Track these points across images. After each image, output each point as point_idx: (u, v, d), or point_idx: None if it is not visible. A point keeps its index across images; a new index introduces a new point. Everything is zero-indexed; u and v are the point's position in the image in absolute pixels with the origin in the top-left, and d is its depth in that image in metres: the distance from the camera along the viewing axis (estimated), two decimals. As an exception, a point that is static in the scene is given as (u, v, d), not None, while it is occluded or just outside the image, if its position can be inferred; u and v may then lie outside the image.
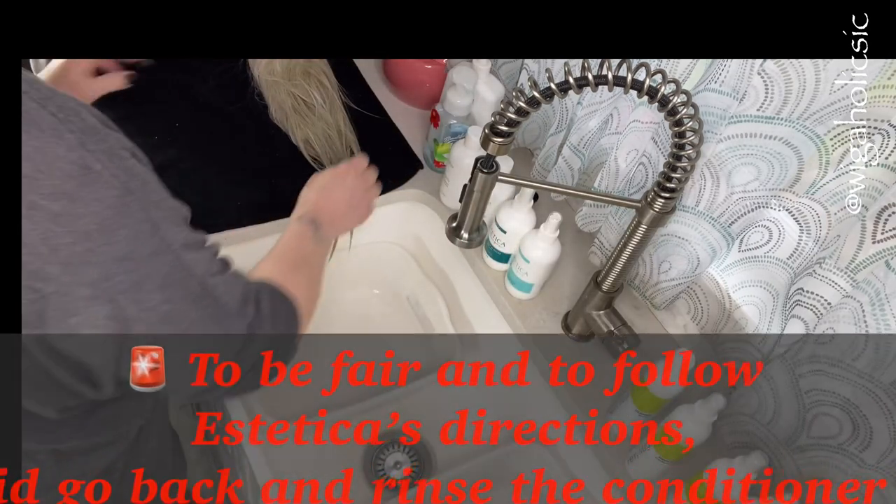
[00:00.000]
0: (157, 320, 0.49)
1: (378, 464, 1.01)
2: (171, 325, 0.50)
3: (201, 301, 0.52)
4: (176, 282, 0.50)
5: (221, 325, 0.54)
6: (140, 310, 0.48)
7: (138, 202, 0.47)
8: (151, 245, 0.48)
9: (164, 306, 0.49)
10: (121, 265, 0.46)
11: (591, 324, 0.91)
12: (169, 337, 0.51)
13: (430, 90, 1.17)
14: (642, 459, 0.80)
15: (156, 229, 0.48)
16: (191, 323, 0.51)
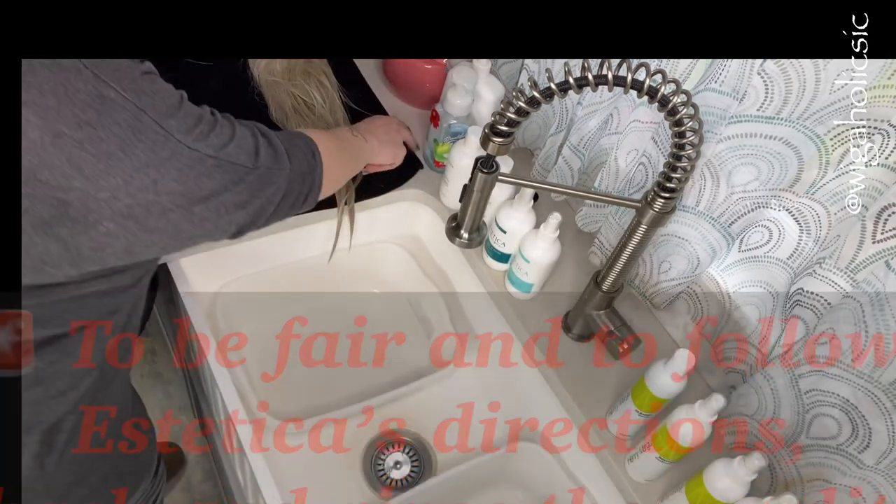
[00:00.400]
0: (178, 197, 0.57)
1: (378, 464, 1.01)
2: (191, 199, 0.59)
3: (218, 171, 0.60)
4: (191, 168, 0.58)
5: (242, 181, 0.63)
6: (157, 195, 0.56)
7: (151, 116, 0.54)
8: (167, 149, 0.55)
9: (181, 188, 0.57)
10: (140, 171, 0.54)
11: (591, 324, 0.91)
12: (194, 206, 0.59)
13: (430, 90, 1.17)
14: (642, 459, 0.80)
15: (170, 135, 0.55)
16: (210, 192, 0.60)
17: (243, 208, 0.65)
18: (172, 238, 0.61)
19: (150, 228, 0.58)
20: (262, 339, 1.10)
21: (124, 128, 0.52)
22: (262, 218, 0.69)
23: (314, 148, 0.76)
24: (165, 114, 0.56)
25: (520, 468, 1.00)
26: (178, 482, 1.58)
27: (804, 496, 0.76)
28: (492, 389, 1.10)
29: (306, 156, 0.74)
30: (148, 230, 0.58)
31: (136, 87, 0.54)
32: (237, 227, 0.67)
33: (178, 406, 1.70)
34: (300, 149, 0.73)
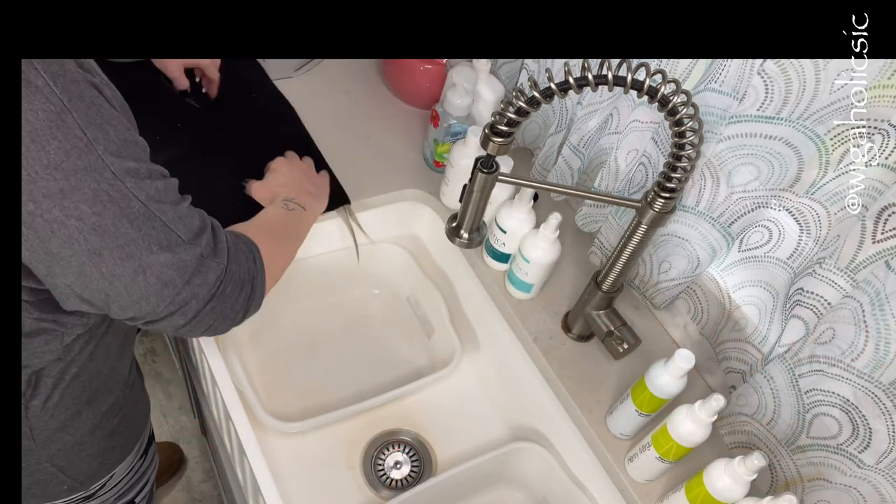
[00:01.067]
0: (88, 229, 0.52)
1: (378, 464, 1.01)
2: (103, 239, 0.53)
3: (145, 223, 0.55)
4: (111, 199, 0.52)
5: (171, 251, 0.57)
6: (65, 215, 0.51)
7: (78, 121, 0.49)
8: (85, 161, 0.50)
9: (94, 218, 0.52)
10: (47, 171, 0.49)
11: (591, 324, 0.91)
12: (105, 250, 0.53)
13: (430, 90, 1.17)
14: (642, 459, 0.80)
15: (91, 148, 0.50)
16: (129, 241, 0.54)
17: (167, 287, 0.58)
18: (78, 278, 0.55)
19: (50, 251, 0.53)
20: (262, 339, 1.10)
21: (40, 118, 0.48)
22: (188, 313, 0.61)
23: (256, 254, 0.70)
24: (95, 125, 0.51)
25: (520, 468, 1.00)
26: (178, 482, 1.59)
27: (804, 496, 0.76)
28: (492, 389, 1.10)
29: (245, 261, 0.68)
30: (50, 254, 0.53)
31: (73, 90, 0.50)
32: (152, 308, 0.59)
33: (178, 406, 1.70)
34: (243, 254, 0.68)
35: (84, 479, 0.82)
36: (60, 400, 0.72)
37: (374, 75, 1.25)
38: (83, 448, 0.78)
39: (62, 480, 0.79)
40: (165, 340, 1.72)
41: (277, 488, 0.74)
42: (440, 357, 1.09)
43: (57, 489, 0.80)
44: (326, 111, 1.15)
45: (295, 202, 0.87)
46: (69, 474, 0.79)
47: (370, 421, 1.04)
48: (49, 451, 0.75)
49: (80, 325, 0.69)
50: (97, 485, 0.84)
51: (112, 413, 0.80)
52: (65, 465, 0.78)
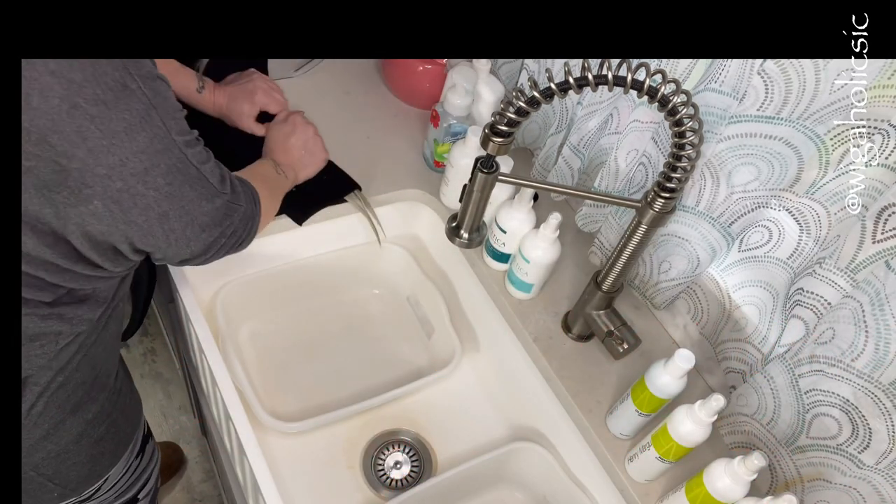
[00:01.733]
0: (162, 197, 0.63)
1: (378, 464, 1.01)
2: (172, 202, 0.64)
3: (198, 183, 0.66)
4: (178, 170, 0.63)
5: (211, 201, 0.69)
6: (146, 188, 0.61)
7: (159, 114, 0.59)
8: (163, 144, 0.61)
9: (167, 188, 0.63)
10: (136, 156, 0.59)
11: (591, 324, 0.91)
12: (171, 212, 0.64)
13: (430, 90, 1.17)
14: (642, 459, 0.80)
15: (168, 134, 0.61)
16: (188, 201, 0.66)
17: (204, 231, 0.70)
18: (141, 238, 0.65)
19: (129, 220, 0.62)
20: (262, 339, 1.10)
21: (134, 115, 0.57)
22: (211, 251, 0.73)
23: (256, 197, 0.80)
24: (170, 115, 0.61)
25: (520, 468, 1.00)
26: (178, 482, 1.59)
27: (804, 496, 0.76)
28: (492, 389, 1.10)
29: (251, 202, 0.78)
30: (127, 222, 0.62)
31: (154, 87, 0.59)
32: (191, 252, 0.70)
33: (178, 406, 1.70)
34: (248, 194, 0.77)
35: (74, 485, 0.81)
36: (45, 409, 0.72)
37: (374, 75, 1.25)
38: (69, 456, 0.78)
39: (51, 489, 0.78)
40: (165, 340, 1.72)
41: (277, 488, 0.74)
42: (440, 357, 1.09)
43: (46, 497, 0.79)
44: (326, 111, 1.15)
45: (282, 168, 0.94)
46: (57, 482, 0.78)
47: (370, 421, 1.04)
48: (33, 460, 0.75)
49: (85, 322, 0.70)
50: (90, 490, 0.84)
51: (98, 421, 0.80)
52: (51, 473, 0.77)
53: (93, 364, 0.76)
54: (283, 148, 0.97)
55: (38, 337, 0.67)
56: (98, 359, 0.76)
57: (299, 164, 0.98)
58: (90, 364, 0.75)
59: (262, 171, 0.91)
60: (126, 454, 0.87)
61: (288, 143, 0.98)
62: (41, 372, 0.69)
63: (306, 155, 0.99)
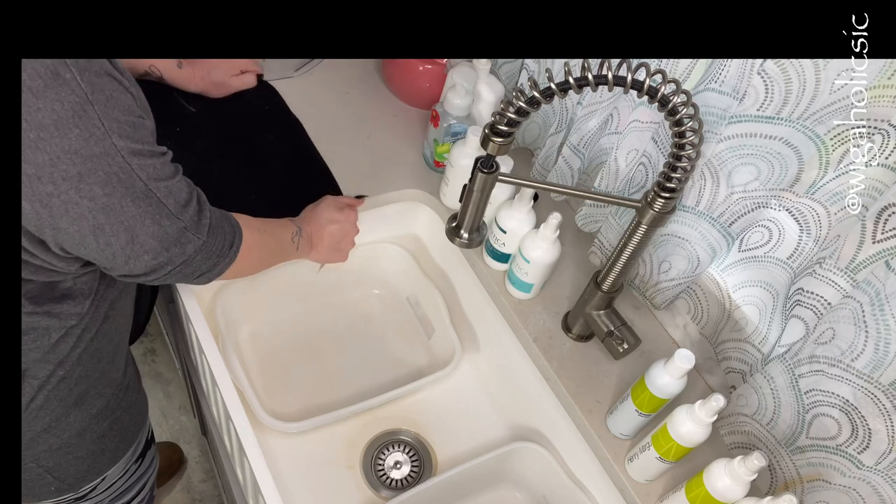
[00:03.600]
0: (97, 208, 0.57)
1: (378, 464, 1.01)
2: (108, 216, 0.58)
3: (143, 199, 0.60)
4: (119, 181, 0.57)
5: (158, 223, 0.62)
6: (80, 196, 0.55)
7: (98, 112, 0.54)
8: (101, 147, 0.55)
9: (104, 198, 0.57)
10: (68, 156, 0.53)
11: (591, 324, 0.91)
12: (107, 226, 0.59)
13: (430, 90, 1.17)
14: (642, 459, 0.80)
15: (107, 135, 0.55)
16: (128, 217, 0.60)
17: (147, 254, 0.64)
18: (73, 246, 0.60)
19: (58, 228, 0.57)
20: (261, 339, 1.10)
21: (66, 107, 0.52)
22: (156, 274, 0.67)
23: (236, 240, 0.74)
24: (113, 117, 0.55)
25: (520, 468, 1.00)
26: (178, 482, 1.59)
27: (803, 497, 0.76)
28: (492, 389, 1.10)
29: (224, 243, 0.72)
30: (55, 227, 0.57)
31: (95, 82, 0.53)
32: (129, 270, 0.65)
33: (178, 406, 1.70)
34: (223, 233, 0.71)
35: (72, 480, 0.81)
36: (45, 402, 0.72)
37: (374, 75, 1.25)
38: (70, 450, 0.78)
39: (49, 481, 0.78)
40: (165, 340, 1.72)
41: (277, 488, 0.74)
42: (440, 357, 1.09)
43: (44, 490, 0.79)
44: (326, 111, 1.15)
45: (300, 241, 0.88)
46: (56, 475, 0.78)
47: (370, 421, 1.04)
48: (34, 451, 0.75)
49: (73, 317, 0.69)
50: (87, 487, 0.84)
51: (102, 416, 0.80)
52: (51, 466, 0.77)
53: (97, 357, 0.75)
54: (318, 227, 0.92)
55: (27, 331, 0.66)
56: (103, 352, 0.76)
57: (321, 248, 0.93)
58: (94, 357, 0.75)
59: (278, 233, 0.85)
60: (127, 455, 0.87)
61: (325, 228, 0.92)
62: (38, 365, 0.69)
63: (332, 247, 0.94)
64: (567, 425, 0.92)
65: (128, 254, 0.62)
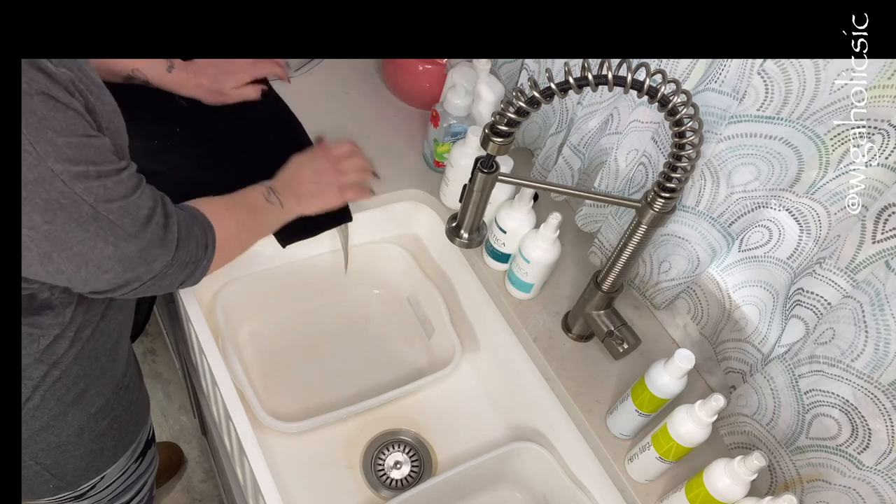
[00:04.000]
0: (40, 237, 0.54)
1: (378, 464, 1.01)
2: (53, 244, 0.56)
3: (92, 223, 0.57)
4: (61, 206, 0.54)
5: (114, 245, 0.60)
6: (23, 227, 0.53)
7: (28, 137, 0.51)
8: (35, 173, 0.52)
9: (46, 226, 0.54)
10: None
11: (591, 324, 0.91)
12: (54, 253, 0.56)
13: (430, 90, 1.17)
14: (642, 459, 0.80)
15: (41, 161, 0.52)
16: (77, 242, 0.57)
17: (107, 273, 0.61)
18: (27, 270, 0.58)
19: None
20: (262, 339, 1.10)
21: None
22: (124, 289, 0.65)
23: (209, 240, 0.71)
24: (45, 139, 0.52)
25: (520, 468, 1.00)
26: (178, 482, 1.59)
27: (803, 497, 0.76)
28: (492, 389, 1.10)
29: (198, 249, 0.70)
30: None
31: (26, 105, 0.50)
32: (91, 289, 0.63)
33: (178, 406, 1.70)
34: (195, 239, 0.69)
35: (71, 479, 0.81)
36: (42, 402, 0.71)
37: (374, 75, 1.25)
38: (69, 449, 0.77)
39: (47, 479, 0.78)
40: (165, 340, 1.72)
41: (277, 488, 0.74)
42: (440, 357, 1.09)
43: (42, 488, 0.79)
44: (326, 111, 1.15)
45: (277, 196, 0.86)
46: (54, 473, 0.78)
47: (370, 421, 1.04)
48: (32, 449, 0.74)
49: (56, 326, 0.68)
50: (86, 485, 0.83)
51: (102, 415, 0.79)
52: (49, 464, 0.77)
53: (95, 356, 0.75)
54: (291, 176, 0.90)
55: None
56: (101, 351, 0.76)
57: (306, 192, 0.90)
58: (91, 356, 0.74)
59: (249, 201, 0.83)
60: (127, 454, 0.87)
61: (300, 171, 0.91)
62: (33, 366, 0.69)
63: (314, 189, 0.90)
64: (567, 425, 0.92)
65: (84, 276, 0.60)
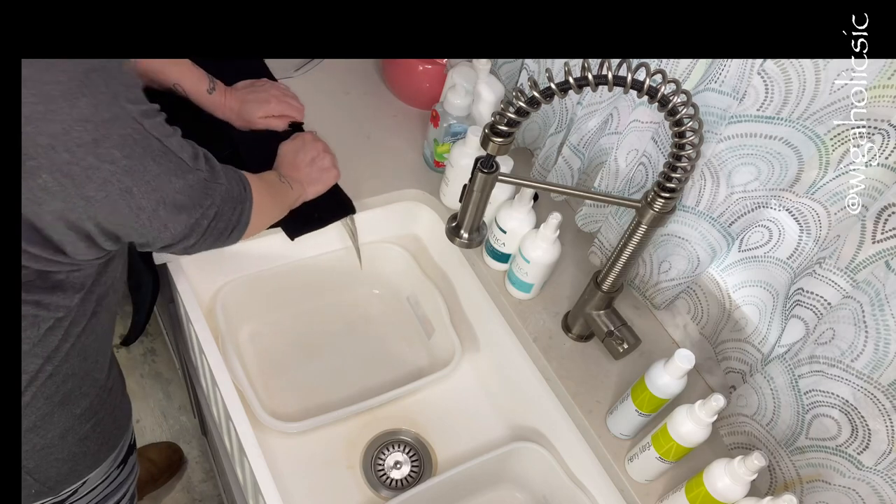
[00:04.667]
0: (121, 171, 0.58)
1: (378, 464, 1.01)
2: (133, 177, 0.59)
3: (162, 157, 0.61)
4: (136, 142, 0.58)
5: (182, 177, 0.64)
6: (100, 161, 0.56)
7: (102, 78, 0.55)
8: (111, 111, 0.56)
9: (124, 161, 0.58)
10: (80, 124, 0.54)
11: (591, 324, 0.91)
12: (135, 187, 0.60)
13: (430, 90, 1.17)
14: (642, 459, 0.80)
15: (116, 99, 0.56)
16: (153, 176, 0.61)
17: (181, 212, 0.65)
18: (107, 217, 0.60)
19: (86, 196, 0.57)
20: (262, 339, 1.10)
21: (70, 77, 0.52)
22: (195, 235, 0.68)
23: (245, 181, 0.76)
24: (117, 80, 0.56)
25: (520, 468, 1.00)
26: (177, 482, 1.59)
27: (803, 497, 0.76)
28: (492, 389, 1.10)
29: (238, 184, 0.74)
30: (84, 197, 0.57)
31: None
32: (172, 236, 0.66)
33: (178, 406, 1.70)
34: (232, 175, 0.73)
35: (53, 483, 0.80)
36: (32, 399, 0.71)
37: (374, 75, 1.25)
38: (52, 451, 0.77)
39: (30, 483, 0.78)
40: (165, 340, 1.72)
41: (277, 488, 0.74)
42: (440, 357, 1.09)
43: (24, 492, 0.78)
44: (327, 111, 1.15)
45: (288, 180, 0.92)
46: (37, 477, 0.78)
47: (370, 421, 1.04)
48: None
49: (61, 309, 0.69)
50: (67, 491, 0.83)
51: (86, 417, 0.79)
52: (32, 467, 0.76)
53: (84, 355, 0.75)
54: (290, 163, 0.96)
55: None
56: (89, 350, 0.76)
57: (307, 178, 0.96)
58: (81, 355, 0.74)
59: (266, 177, 0.89)
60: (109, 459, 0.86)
61: (296, 159, 0.96)
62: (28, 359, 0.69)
63: (314, 171, 0.97)
64: (567, 425, 0.92)
65: (162, 216, 0.63)
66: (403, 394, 1.01)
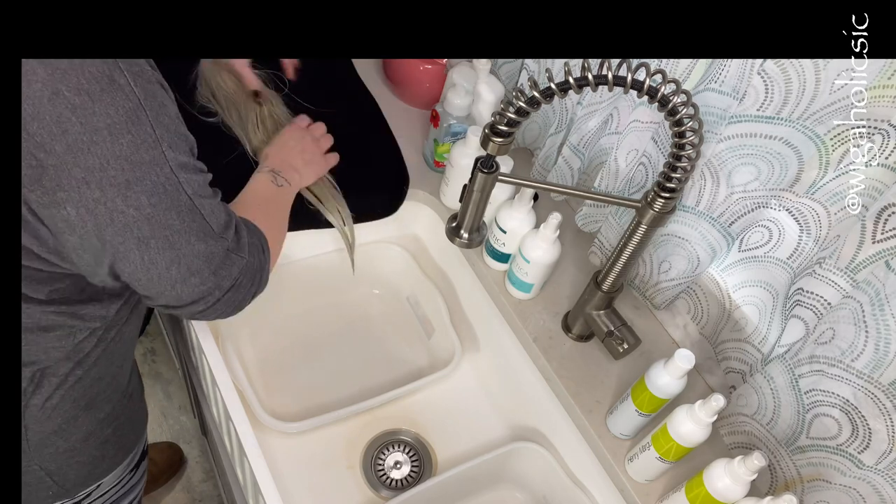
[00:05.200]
0: (142, 219, 0.56)
1: (378, 464, 1.01)
2: (153, 228, 0.57)
3: (188, 215, 0.59)
4: (166, 192, 0.57)
5: (205, 241, 0.62)
6: (126, 205, 0.55)
7: (149, 118, 0.54)
8: (150, 155, 0.55)
9: (149, 209, 0.56)
10: (118, 162, 0.53)
11: (591, 324, 0.91)
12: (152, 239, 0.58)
13: (430, 90, 1.17)
14: (642, 459, 0.80)
15: (157, 144, 0.55)
16: (174, 231, 0.59)
17: (194, 276, 0.62)
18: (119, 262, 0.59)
19: (104, 240, 0.56)
20: (261, 339, 1.10)
21: (120, 113, 0.52)
22: (204, 303, 0.66)
23: (265, 243, 0.74)
24: (163, 125, 0.56)
25: (520, 468, 1.00)
26: (177, 482, 1.59)
27: (804, 497, 0.76)
28: (492, 389, 1.10)
29: (258, 252, 0.72)
30: (102, 241, 0.56)
31: (148, 88, 0.54)
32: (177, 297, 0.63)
33: (178, 406, 1.70)
34: (255, 245, 0.71)
35: (70, 486, 0.81)
36: (60, 402, 0.72)
37: (374, 75, 1.25)
38: (74, 455, 0.78)
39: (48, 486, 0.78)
40: (165, 340, 1.72)
41: (277, 488, 0.74)
42: (440, 357, 1.09)
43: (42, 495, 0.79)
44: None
45: (282, 176, 0.90)
46: (56, 480, 0.78)
47: (370, 421, 1.04)
48: (41, 454, 0.74)
49: (98, 319, 0.69)
50: (83, 493, 0.83)
51: (107, 422, 0.80)
52: (53, 469, 0.77)
53: (111, 360, 0.75)
54: (283, 153, 0.95)
55: (52, 328, 0.66)
56: (116, 354, 0.76)
57: (300, 167, 0.94)
58: (109, 359, 0.75)
59: (262, 192, 0.86)
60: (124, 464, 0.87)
61: (289, 149, 0.96)
62: (59, 364, 0.69)
63: (305, 161, 0.96)
64: (567, 425, 0.92)
65: (174, 276, 0.61)
66: (403, 394, 1.01)
